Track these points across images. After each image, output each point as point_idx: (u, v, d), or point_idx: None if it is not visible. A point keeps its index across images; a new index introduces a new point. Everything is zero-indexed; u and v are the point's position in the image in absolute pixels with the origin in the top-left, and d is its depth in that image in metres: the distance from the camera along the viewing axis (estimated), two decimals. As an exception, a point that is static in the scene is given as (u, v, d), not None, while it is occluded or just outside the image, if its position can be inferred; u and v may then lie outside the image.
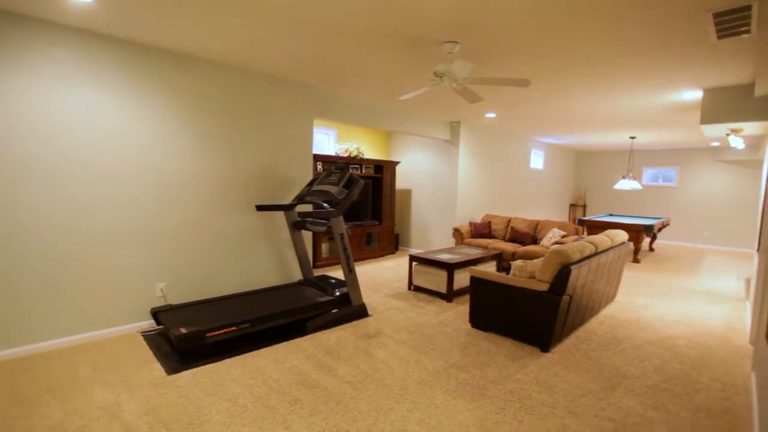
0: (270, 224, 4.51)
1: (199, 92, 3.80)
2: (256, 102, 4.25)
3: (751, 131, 4.68)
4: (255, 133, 4.27)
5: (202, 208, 3.92)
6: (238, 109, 4.11)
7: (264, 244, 4.47)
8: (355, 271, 4.01)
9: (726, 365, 3.27)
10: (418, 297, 4.87)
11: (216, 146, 3.97)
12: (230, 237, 4.16)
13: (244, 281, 4.31)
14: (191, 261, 3.88)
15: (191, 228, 3.86)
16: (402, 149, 8.04)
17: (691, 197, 9.79)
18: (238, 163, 4.16)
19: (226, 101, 4.00)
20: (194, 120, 3.79)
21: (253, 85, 4.20)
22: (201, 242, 3.94)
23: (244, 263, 4.30)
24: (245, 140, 4.20)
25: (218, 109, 3.95)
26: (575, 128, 7.39)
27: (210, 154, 3.93)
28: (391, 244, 7.53)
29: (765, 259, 3.60)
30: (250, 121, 4.22)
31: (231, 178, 4.11)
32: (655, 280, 6.14)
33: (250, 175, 4.26)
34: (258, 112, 4.27)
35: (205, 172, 3.92)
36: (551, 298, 3.27)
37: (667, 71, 3.73)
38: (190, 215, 3.85)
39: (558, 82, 4.21)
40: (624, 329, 3.97)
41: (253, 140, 4.26)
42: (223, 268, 4.13)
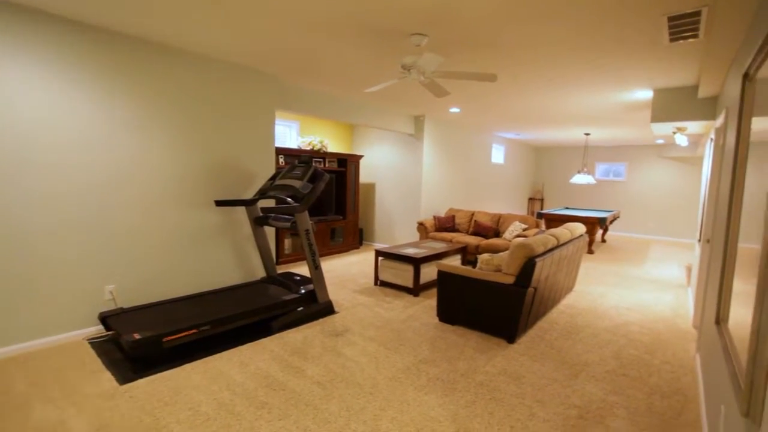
0: (230, 220, 4.30)
1: (151, 79, 3.53)
2: (215, 91, 4.02)
3: (693, 130, 5.00)
4: (214, 124, 4.04)
5: (156, 203, 3.66)
6: (194, 99, 3.86)
7: (225, 241, 4.26)
8: (321, 267, 3.91)
9: (674, 348, 3.48)
10: (385, 292, 4.84)
11: (171, 138, 3.72)
12: (188, 234, 3.92)
13: (204, 281, 4.09)
14: (145, 261, 3.63)
15: (144, 225, 3.60)
16: (366, 143, 7.96)
17: (638, 191, 10.40)
18: (196, 156, 3.93)
19: (181, 90, 3.75)
20: (146, 109, 3.53)
21: (211, 74, 3.96)
22: (155, 240, 3.69)
23: (203, 262, 4.07)
24: (203, 132, 3.96)
25: (173, 98, 3.70)
26: (535, 124, 7.62)
27: (165, 146, 3.68)
28: (355, 239, 7.45)
29: (707, 250, 3.86)
30: (208, 112, 3.99)
31: (188, 171, 3.87)
32: (608, 269, 6.47)
33: (208, 169, 4.04)
34: (216, 102, 4.04)
35: (160, 165, 3.66)
36: (517, 291, 3.34)
37: (623, 70, 3.89)
38: (143, 211, 3.59)
39: (521, 77, 4.29)
40: (583, 318, 4.13)
41: (211, 132, 4.03)
42: (181, 267, 3.89)
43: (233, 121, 4.22)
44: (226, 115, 4.15)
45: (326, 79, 4.64)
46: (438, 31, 3.04)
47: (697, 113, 4.40)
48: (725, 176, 2.80)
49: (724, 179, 2.85)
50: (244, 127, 4.33)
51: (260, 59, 3.97)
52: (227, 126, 4.17)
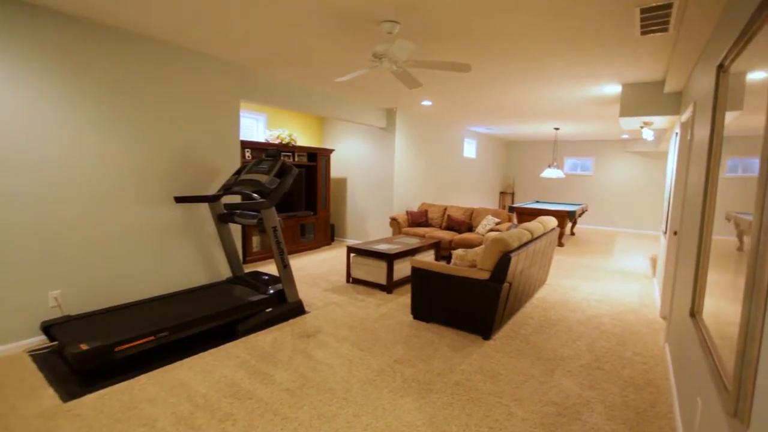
0: (193, 217, 4.04)
1: (104, 67, 3.23)
2: (174, 81, 3.74)
3: (659, 125, 5.11)
4: (173, 115, 3.77)
5: (109, 200, 3.37)
6: (151, 88, 3.57)
7: (187, 240, 4.00)
8: (290, 265, 3.73)
9: (644, 339, 3.53)
10: (358, 290, 4.71)
11: (126, 130, 3.42)
12: (146, 233, 3.65)
13: (164, 282, 3.82)
14: (96, 262, 3.34)
15: (95, 224, 3.31)
16: (337, 136, 7.77)
17: (604, 185, 10.70)
18: (155, 150, 3.64)
19: (136, 78, 3.46)
20: (98, 100, 3.22)
21: (170, 61, 3.68)
22: (108, 240, 3.40)
23: (163, 262, 3.81)
24: (162, 124, 3.68)
25: (128, 87, 3.40)
26: (506, 118, 7.64)
27: (119, 139, 3.38)
28: (326, 236, 7.27)
29: (674, 242, 3.94)
30: (167, 103, 3.71)
31: (146, 166, 3.59)
32: (578, 262, 6.58)
33: (168, 163, 3.76)
34: (176, 92, 3.77)
35: (114, 159, 3.36)
36: (492, 286, 3.28)
37: (593, 64, 3.88)
38: (94, 209, 3.29)
39: (494, 69, 4.23)
40: (556, 311, 4.15)
41: (171, 124, 3.76)
42: (138, 268, 3.62)
43: (195, 113, 3.96)
44: (187, 105, 3.88)
45: (294, 68, 4.43)
46: (410, 19, 2.91)
47: (663, 108, 4.48)
48: (694, 169, 2.82)
49: (693, 172, 2.87)
50: (206, 119, 4.07)
51: (223, 46, 3.72)
52: (188, 117, 3.90)
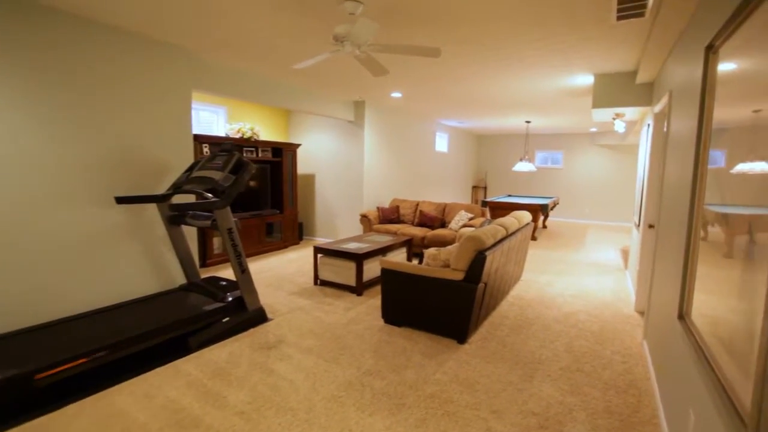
0: (140, 220, 3.65)
1: (28, 44, 2.80)
2: (116, 66, 3.32)
3: (629, 116, 5.06)
4: (114, 105, 3.36)
5: (33, 201, 2.95)
6: (88, 74, 3.16)
7: (132, 245, 3.60)
8: (248, 270, 3.41)
9: (621, 335, 3.43)
10: (326, 292, 4.43)
11: (56, 121, 3.00)
12: (83, 237, 3.24)
13: (104, 294, 3.43)
14: (13, 275, 2.92)
15: (13, 230, 2.88)
16: (303, 130, 7.41)
17: (574, 178, 10.79)
18: (93, 145, 3.23)
19: (70, 61, 3.03)
20: (20, 82, 2.79)
21: (111, 44, 3.26)
22: (32, 247, 2.98)
23: (106, 270, 3.41)
24: (100, 114, 3.27)
25: (60, 71, 2.98)
26: (478, 111, 7.50)
27: (44, 130, 2.96)
28: (294, 234, 6.93)
29: (649, 235, 3.87)
30: (107, 90, 3.29)
31: (79, 163, 3.17)
32: (551, 256, 6.53)
33: (107, 160, 3.36)
34: (118, 79, 3.36)
35: (38, 154, 2.94)
36: (467, 287, 3.09)
37: (567, 51, 3.73)
38: (12, 212, 2.87)
39: (465, 57, 4.02)
40: (532, 309, 4.01)
41: (111, 115, 3.35)
42: (70, 280, 3.21)
43: (139, 103, 3.55)
44: (131, 95, 3.47)
45: (251, 55, 4.08)
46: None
47: (635, 99, 4.41)
48: (673, 161, 2.70)
49: (671, 165, 2.75)
50: (153, 110, 3.67)
51: (171, 29, 3.34)
52: (132, 108, 3.50)
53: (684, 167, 2.18)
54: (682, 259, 1.93)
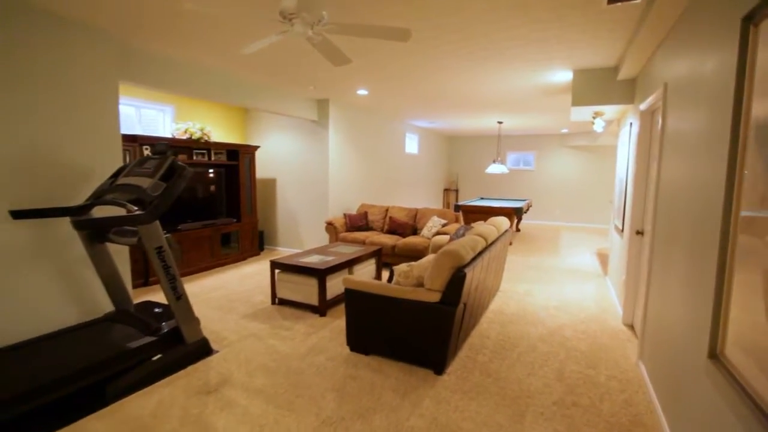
0: (50, 237, 3.01)
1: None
2: (19, 50, 2.69)
3: (609, 115, 4.81)
4: (16, 99, 2.72)
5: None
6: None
7: (41, 269, 2.95)
8: (185, 296, 2.85)
9: (613, 355, 3.10)
10: (284, 313, 3.90)
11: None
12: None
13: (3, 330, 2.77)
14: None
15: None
16: (263, 131, 6.83)
17: (546, 179, 10.67)
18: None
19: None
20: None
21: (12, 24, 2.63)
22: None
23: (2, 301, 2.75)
24: None
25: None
26: (449, 110, 7.15)
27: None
28: (253, 245, 6.33)
29: (637, 242, 3.57)
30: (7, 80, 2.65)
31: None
32: (528, 261, 6.23)
33: (11, 164, 2.71)
34: (22, 66, 2.72)
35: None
36: (444, 310, 2.65)
37: (549, 41, 3.39)
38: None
39: (437, 47, 3.61)
40: (514, 326, 3.63)
41: (13, 110, 2.71)
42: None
43: (51, 96, 2.92)
44: (39, 86, 2.84)
45: (189, 40, 3.52)
46: (328, -35, 2.18)
47: (617, 96, 4.14)
48: (672, 162, 2.37)
49: (670, 166, 2.42)
50: (69, 105, 3.05)
51: (90, 7, 2.74)
52: (41, 102, 2.86)
53: (699, 168, 1.83)
54: (710, 283, 1.56)
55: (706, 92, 1.81)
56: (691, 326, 1.80)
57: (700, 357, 1.63)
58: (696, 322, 1.72)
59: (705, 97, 1.81)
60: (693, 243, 1.85)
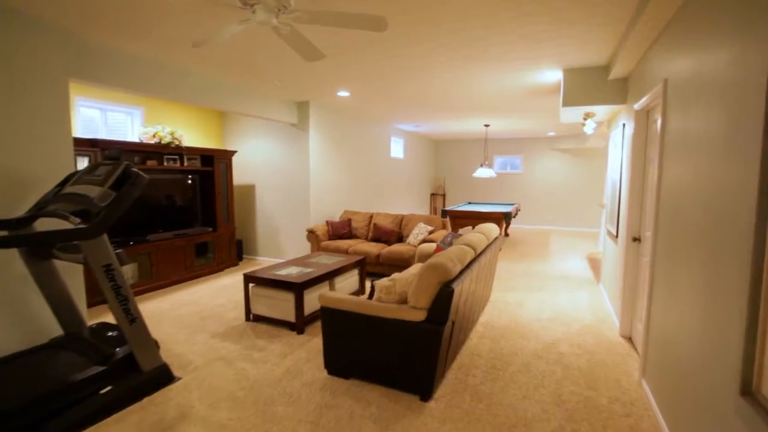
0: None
1: None
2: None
3: (599, 116, 4.63)
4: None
5: None
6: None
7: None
8: (141, 319, 2.54)
9: (614, 372, 2.87)
10: (259, 331, 3.60)
11: None
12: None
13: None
14: None
15: None
16: (241, 136, 6.51)
17: (534, 183, 10.54)
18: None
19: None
20: None
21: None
22: None
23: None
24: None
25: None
26: (435, 113, 6.93)
27: None
28: (231, 255, 6.00)
29: (634, 250, 3.37)
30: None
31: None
32: (518, 268, 6.02)
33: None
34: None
35: None
36: (430, 330, 2.39)
37: (538, 35, 3.18)
38: None
39: (419, 46, 3.38)
40: (507, 341, 3.39)
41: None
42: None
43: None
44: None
45: (148, 33, 3.22)
46: (294, -56, 1.92)
47: (609, 96, 3.96)
48: (678, 165, 2.16)
49: (675, 168, 2.22)
50: (10, 105, 2.72)
51: None
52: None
53: (715, 171, 1.61)
54: (738, 300, 1.33)
55: (722, 87, 1.59)
56: (711, 350, 1.57)
57: (727, 392, 1.40)
58: (718, 345, 1.49)
59: (721, 93, 1.60)
60: (710, 254, 1.63)
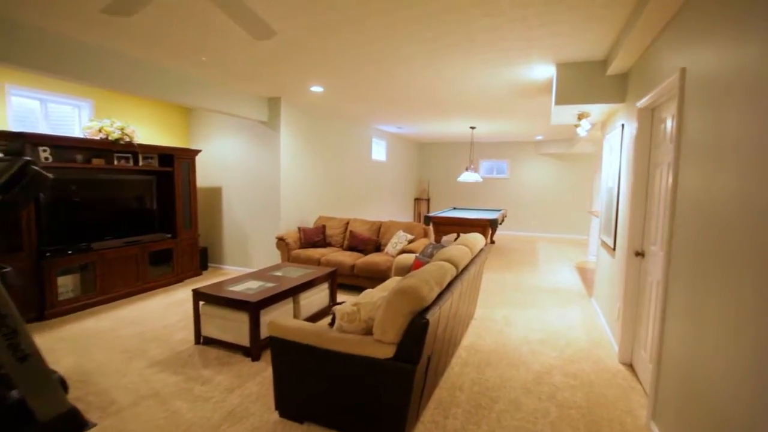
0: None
1: None
2: None
3: (594, 117, 4.26)
4: None
5: None
6: None
7: None
8: (35, 355, 2.02)
9: (617, 411, 2.46)
10: (208, 357, 3.09)
11: None
12: None
13: None
14: None
15: None
16: (209, 134, 5.99)
17: (520, 188, 10.21)
18: None
19: None
20: None
21: None
22: None
23: None
24: None
25: None
26: (418, 113, 6.51)
27: None
28: (194, 264, 5.46)
29: (636, 265, 2.98)
30: None
31: None
32: (505, 279, 5.62)
33: None
34: None
35: None
36: (400, 370, 1.94)
37: (528, 22, 2.78)
38: None
39: (395, 30, 2.94)
40: (492, 369, 2.96)
41: None
42: None
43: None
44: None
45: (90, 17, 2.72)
46: None
47: (606, 94, 3.59)
48: (700, 170, 1.76)
49: (694, 175, 1.82)
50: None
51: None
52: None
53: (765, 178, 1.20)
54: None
55: (724, 85, 1.18)
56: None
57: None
58: None
59: (724, 92, 1.19)
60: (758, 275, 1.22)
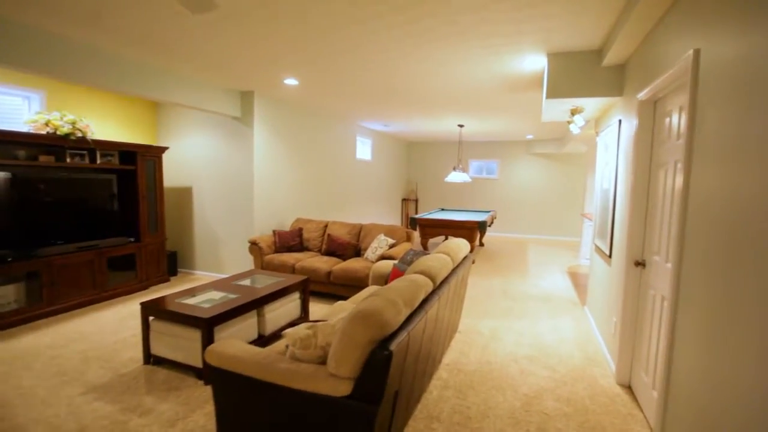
0: None
1: None
2: None
3: (588, 112, 3.96)
4: None
5: None
6: None
7: None
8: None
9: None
10: (155, 381, 2.72)
11: None
12: None
13: None
14: None
15: None
16: (179, 130, 5.59)
17: (510, 189, 9.93)
18: None
19: None
20: None
21: None
22: None
23: None
24: None
25: None
26: (402, 109, 6.18)
27: None
28: (160, 269, 5.06)
29: (635, 276, 2.67)
30: None
31: None
32: (492, 285, 5.31)
33: None
34: None
35: None
36: (359, 410, 1.60)
37: (516, 4, 2.46)
38: None
39: (375, 19, 2.60)
40: (476, 394, 2.63)
41: None
42: None
43: None
44: None
45: None
46: None
47: (601, 87, 3.29)
48: (718, 171, 1.45)
49: (712, 175, 1.50)
50: None
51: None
52: None
53: None
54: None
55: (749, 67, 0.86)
56: None
57: None
58: None
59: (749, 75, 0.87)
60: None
